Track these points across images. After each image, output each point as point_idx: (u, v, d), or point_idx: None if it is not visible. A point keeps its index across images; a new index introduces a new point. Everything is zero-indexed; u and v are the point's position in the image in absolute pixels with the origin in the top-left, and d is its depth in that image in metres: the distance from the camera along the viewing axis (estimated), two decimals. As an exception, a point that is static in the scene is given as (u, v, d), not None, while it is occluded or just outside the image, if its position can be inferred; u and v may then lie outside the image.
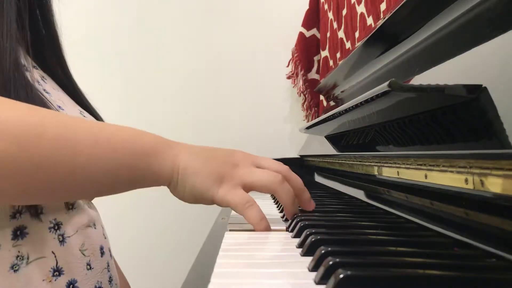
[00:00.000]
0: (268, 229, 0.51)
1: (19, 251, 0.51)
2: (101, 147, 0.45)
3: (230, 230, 0.52)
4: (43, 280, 0.54)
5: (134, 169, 0.46)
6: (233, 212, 0.57)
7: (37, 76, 0.63)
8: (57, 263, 0.55)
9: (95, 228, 0.60)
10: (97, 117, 0.73)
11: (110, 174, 0.46)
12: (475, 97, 0.38)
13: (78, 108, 0.67)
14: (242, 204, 0.48)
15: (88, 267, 0.60)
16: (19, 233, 0.50)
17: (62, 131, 0.44)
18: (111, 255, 0.68)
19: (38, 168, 0.42)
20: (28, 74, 0.56)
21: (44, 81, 0.65)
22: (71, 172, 0.44)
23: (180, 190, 0.48)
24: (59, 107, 0.61)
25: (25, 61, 0.59)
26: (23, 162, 0.42)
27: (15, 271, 0.52)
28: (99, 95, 0.81)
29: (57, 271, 0.55)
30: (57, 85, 0.68)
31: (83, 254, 0.59)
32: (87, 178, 0.45)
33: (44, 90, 0.62)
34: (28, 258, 0.53)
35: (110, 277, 0.65)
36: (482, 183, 0.35)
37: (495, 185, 0.34)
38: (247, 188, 0.51)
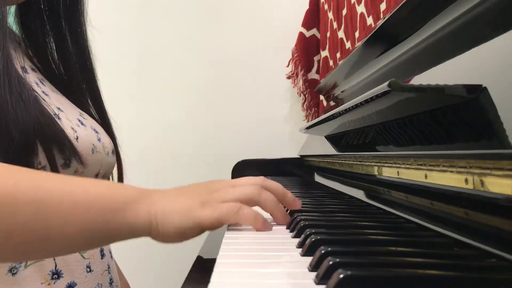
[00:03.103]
0: (266, 223, 0.51)
1: None
2: (76, 208, 0.44)
3: (230, 230, 0.52)
4: (42, 283, 0.53)
5: (109, 226, 0.46)
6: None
7: (35, 78, 0.63)
8: (56, 266, 0.55)
9: None
10: (107, 123, 0.74)
11: (85, 234, 0.45)
12: (475, 97, 0.38)
13: (78, 110, 0.67)
14: (232, 211, 0.47)
15: (88, 269, 0.60)
16: None
17: (36, 196, 0.43)
18: (111, 256, 0.68)
19: (12, 235, 0.42)
20: (25, 75, 0.56)
21: (43, 83, 0.64)
22: (46, 237, 0.44)
23: (165, 234, 0.47)
24: (59, 108, 0.60)
25: (22, 61, 0.59)
26: None
27: (13, 274, 0.52)
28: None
29: (56, 274, 0.55)
30: (55, 89, 0.68)
31: (83, 257, 0.59)
32: (62, 240, 0.45)
33: (43, 92, 0.61)
34: (26, 261, 0.53)
35: (110, 279, 0.64)
36: (482, 183, 0.35)
37: (495, 185, 0.34)
38: None
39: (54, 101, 0.62)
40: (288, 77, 1.77)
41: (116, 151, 0.72)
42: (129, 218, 0.46)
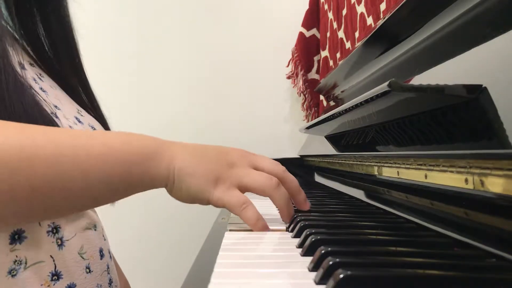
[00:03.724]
0: (265, 228, 0.51)
1: (16, 256, 0.51)
2: (94, 159, 0.44)
3: (230, 230, 0.52)
4: (41, 284, 0.53)
5: (130, 176, 0.46)
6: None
7: (33, 74, 0.62)
8: (55, 267, 0.55)
9: (94, 230, 0.60)
10: (102, 117, 0.73)
11: (106, 185, 0.46)
12: (475, 97, 0.38)
13: (76, 106, 0.67)
14: (239, 205, 0.48)
15: (88, 270, 0.59)
16: (17, 237, 0.49)
17: (54, 149, 0.43)
18: (111, 256, 0.68)
19: (32, 190, 0.42)
20: (23, 71, 0.56)
21: (41, 79, 0.64)
22: (67, 189, 0.44)
23: (177, 191, 0.48)
24: (56, 106, 0.60)
25: (20, 57, 0.58)
26: (17, 186, 0.41)
27: (12, 276, 0.52)
28: (99, 96, 0.81)
29: (56, 275, 0.55)
30: (54, 83, 0.67)
31: (82, 258, 0.59)
32: (83, 192, 0.45)
33: (41, 88, 0.61)
34: (26, 263, 0.53)
35: (110, 280, 0.64)
36: (482, 183, 0.35)
37: (495, 185, 0.34)
38: (242, 189, 0.50)
39: (51, 98, 0.61)
40: (288, 77, 1.77)
41: None
42: (151, 169, 0.47)
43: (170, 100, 1.82)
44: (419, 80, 0.52)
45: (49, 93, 0.62)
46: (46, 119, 0.53)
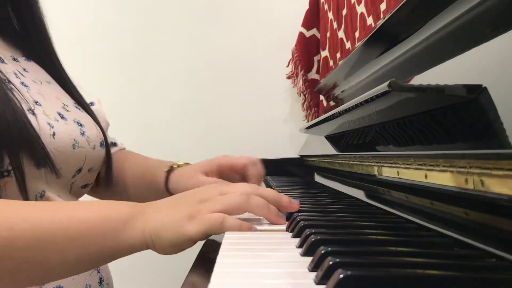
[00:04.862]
0: (250, 228, 0.50)
1: None
2: (72, 240, 0.46)
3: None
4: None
5: (108, 249, 0.47)
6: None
7: (13, 69, 0.62)
8: None
9: None
10: (86, 108, 0.72)
11: (84, 261, 0.47)
12: (475, 97, 0.38)
13: (61, 102, 0.66)
14: (216, 223, 0.48)
15: None
16: None
17: (32, 236, 0.44)
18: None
19: (13, 274, 0.44)
20: (3, 66, 0.55)
21: (22, 74, 0.63)
22: (48, 269, 0.46)
23: (161, 249, 0.48)
24: (36, 102, 0.59)
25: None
26: None
27: None
28: (99, 96, 0.81)
29: None
30: (42, 77, 0.67)
31: None
32: (63, 269, 0.47)
33: (22, 83, 0.60)
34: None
35: (100, 278, 0.64)
36: (482, 183, 0.35)
37: (495, 185, 0.34)
38: None
39: (33, 93, 0.60)
40: (288, 77, 1.77)
41: (105, 142, 0.71)
42: (127, 239, 0.48)
43: (170, 100, 1.82)
44: (419, 80, 0.52)
45: (32, 88, 0.61)
46: (17, 115, 0.52)
